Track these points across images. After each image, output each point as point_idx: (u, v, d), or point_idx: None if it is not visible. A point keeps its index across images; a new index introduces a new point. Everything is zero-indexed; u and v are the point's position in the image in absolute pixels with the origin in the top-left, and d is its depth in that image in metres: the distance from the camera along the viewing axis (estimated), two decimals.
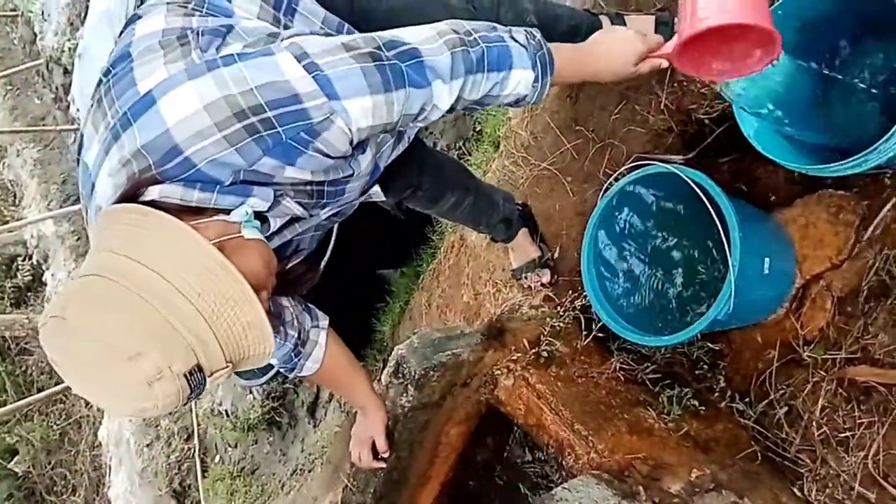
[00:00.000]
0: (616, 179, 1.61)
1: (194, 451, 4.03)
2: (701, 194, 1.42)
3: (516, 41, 1.09)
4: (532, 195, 2.02)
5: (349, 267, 2.52)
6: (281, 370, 1.42)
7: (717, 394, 1.64)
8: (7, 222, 5.63)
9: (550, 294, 1.85)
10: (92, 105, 1.00)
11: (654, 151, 1.77)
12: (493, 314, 1.99)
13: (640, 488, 1.33)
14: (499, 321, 1.65)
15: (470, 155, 2.50)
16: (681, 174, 1.44)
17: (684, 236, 1.69)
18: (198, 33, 0.98)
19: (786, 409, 1.55)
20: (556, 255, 1.96)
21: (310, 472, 3.17)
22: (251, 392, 3.59)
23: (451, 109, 1.08)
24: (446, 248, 2.43)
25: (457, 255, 2.34)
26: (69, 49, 5.27)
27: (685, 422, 1.55)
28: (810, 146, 1.54)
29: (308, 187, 1.05)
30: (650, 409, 1.56)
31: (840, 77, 1.49)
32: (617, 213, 1.67)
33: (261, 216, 1.02)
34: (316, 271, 1.24)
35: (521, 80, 1.09)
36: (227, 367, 0.88)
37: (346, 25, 1.24)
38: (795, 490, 1.48)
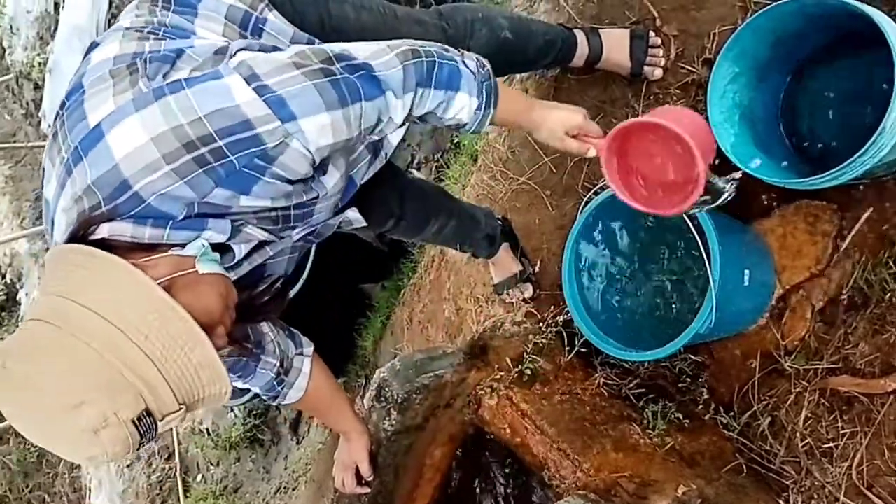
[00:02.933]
0: (595, 193, 1.61)
1: (175, 470, 3.97)
2: None
3: (467, 66, 1.09)
4: (512, 209, 2.01)
5: (330, 281, 2.50)
6: (264, 398, 1.39)
7: (700, 406, 1.64)
8: None
9: (532, 309, 1.84)
10: (50, 139, 0.98)
11: None
12: (475, 332, 1.98)
13: None
14: (481, 339, 1.64)
15: (448, 168, 2.49)
16: None
17: (664, 249, 1.69)
18: (146, 60, 0.95)
19: (769, 420, 1.55)
20: (537, 269, 1.95)
21: (294, 490, 3.13)
22: (232, 410, 3.55)
23: (402, 123, 1.08)
24: (427, 262, 2.41)
25: (437, 269, 2.33)
26: (39, 64, 5.19)
27: (670, 436, 1.54)
28: (784, 154, 1.55)
29: (272, 213, 1.03)
30: (635, 424, 1.55)
31: (813, 89, 1.50)
32: (597, 227, 1.67)
33: (223, 245, 0.99)
34: (284, 298, 1.21)
35: (464, 105, 1.10)
36: (181, 409, 0.86)
37: (316, 41, 1.21)
38: (781, 502, 1.48)
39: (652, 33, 1.68)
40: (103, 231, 0.88)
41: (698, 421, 1.62)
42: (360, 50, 1.01)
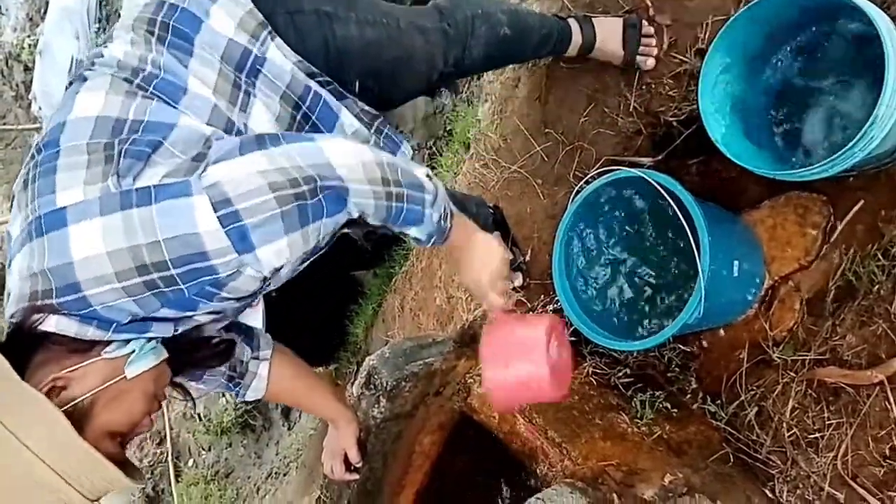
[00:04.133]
0: (586, 182, 1.61)
1: (167, 455, 3.97)
2: (669, 199, 1.42)
3: (432, 217, 1.11)
4: (503, 198, 2.00)
5: (322, 268, 2.49)
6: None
7: (689, 395, 1.65)
8: None
9: (522, 298, 1.84)
10: (21, 182, 0.98)
11: (624, 154, 1.77)
12: (465, 320, 1.98)
13: (614, 496, 1.33)
14: (471, 328, 1.63)
15: (440, 155, 2.49)
16: (648, 179, 1.44)
17: (655, 238, 1.69)
18: (121, 152, 0.94)
19: (756, 409, 1.56)
20: (527, 258, 1.95)
21: (285, 475, 3.14)
22: (224, 395, 3.55)
23: None
24: (418, 249, 2.41)
25: (429, 257, 2.33)
26: (29, 46, 5.14)
27: (658, 425, 1.55)
28: (775, 145, 1.55)
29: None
30: (623, 413, 1.56)
31: (805, 81, 1.50)
32: (587, 217, 1.67)
33: None
34: (229, 354, 1.22)
35: (415, 236, 1.15)
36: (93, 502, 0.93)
37: (312, 90, 1.20)
38: (767, 491, 1.49)
39: (645, 22, 1.68)
40: (51, 323, 0.92)
41: (686, 410, 1.63)
42: (345, 168, 0.99)
